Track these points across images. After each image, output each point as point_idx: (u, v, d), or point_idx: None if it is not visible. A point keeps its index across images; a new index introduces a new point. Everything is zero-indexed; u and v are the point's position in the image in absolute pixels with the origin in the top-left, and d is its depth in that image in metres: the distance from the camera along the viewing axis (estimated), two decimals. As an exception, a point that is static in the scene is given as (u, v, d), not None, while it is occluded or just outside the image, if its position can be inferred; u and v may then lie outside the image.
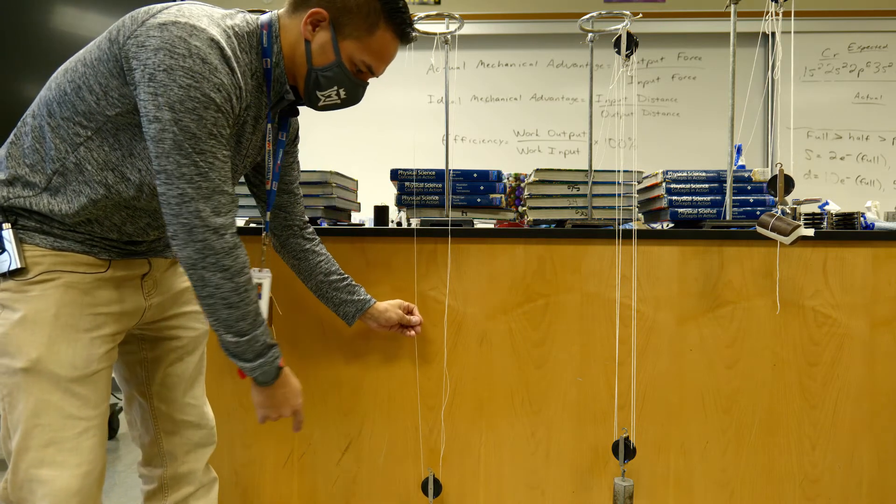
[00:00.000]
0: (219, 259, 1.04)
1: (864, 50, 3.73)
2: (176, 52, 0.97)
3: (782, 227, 1.35)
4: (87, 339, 1.09)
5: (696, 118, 3.81)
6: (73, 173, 1.06)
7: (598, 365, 1.56)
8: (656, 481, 1.56)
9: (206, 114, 1.00)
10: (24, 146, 1.07)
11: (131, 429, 1.32)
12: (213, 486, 1.35)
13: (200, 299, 1.06)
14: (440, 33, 1.59)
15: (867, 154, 3.74)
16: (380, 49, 1.15)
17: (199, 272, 1.03)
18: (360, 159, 3.86)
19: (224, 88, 1.02)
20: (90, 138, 1.05)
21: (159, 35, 0.98)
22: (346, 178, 1.76)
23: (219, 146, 1.03)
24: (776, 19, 1.47)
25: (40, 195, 1.06)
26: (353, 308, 1.41)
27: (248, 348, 1.10)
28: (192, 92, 0.98)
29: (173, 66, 0.97)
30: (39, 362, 1.04)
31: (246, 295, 1.08)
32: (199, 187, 1.01)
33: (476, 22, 3.81)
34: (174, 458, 1.29)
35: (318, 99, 1.18)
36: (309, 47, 1.13)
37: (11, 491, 1.07)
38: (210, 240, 1.03)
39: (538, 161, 3.87)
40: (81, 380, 1.08)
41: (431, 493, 1.56)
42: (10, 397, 1.06)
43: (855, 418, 1.54)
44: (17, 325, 1.04)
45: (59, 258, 1.07)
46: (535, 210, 1.63)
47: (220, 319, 1.07)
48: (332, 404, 1.59)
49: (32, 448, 1.04)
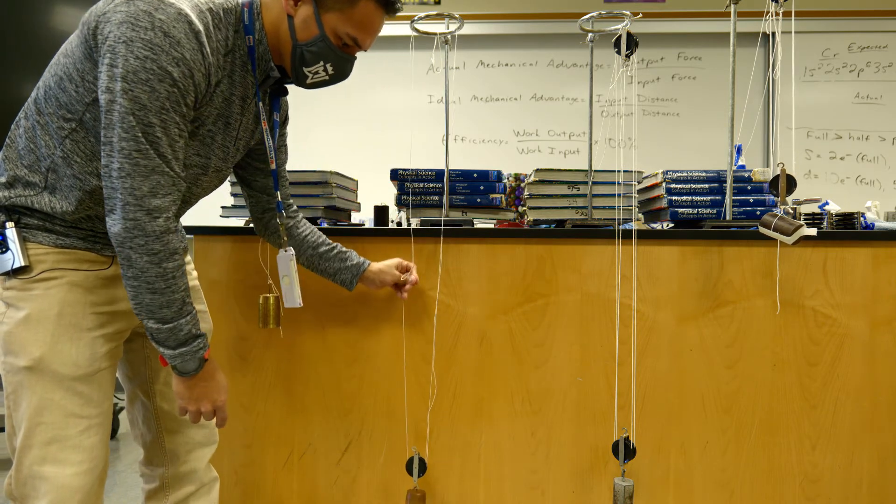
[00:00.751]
0: (147, 241, 1.00)
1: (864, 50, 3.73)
2: (139, 24, 0.96)
3: (785, 227, 1.35)
4: (89, 338, 1.09)
5: (696, 118, 3.81)
6: (63, 168, 1.05)
7: (598, 365, 1.56)
8: (656, 481, 1.56)
9: (160, 87, 0.97)
10: (20, 147, 1.07)
11: (133, 427, 1.32)
12: (214, 486, 1.35)
13: (125, 279, 1.02)
14: (440, 33, 1.59)
15: (867, 154, 3.74)
16: (363, 20, 1.13)
17: (127, 251, 1.00)
18: (360, 159, 3.85)
19: (184, 63, 0.99)
20: (75, 130, 1.04)
21: (125, 10, 0.96)
22: (346, 178, 1.76)
23: (170, 122, 1.00)
24: (776, 19, 1.47)
25: (41, 194, 1.06)
26: (349, 274, 1.41)
27: (171, 336, 1.05)
28: (147, 63, 0.96)
29: (133, 38, 0.95)
30: (42, 361, 1.05)
31: (173, 282, 1.03)
32: (136, 164, 0.98)
33: (476, 22, 3.81)
34: (176, 456, 1.29)
35: (305, 76, 1.17)
36: (292, 22, 1.12)
37: (15, 487, 1.08)
38: (141, 220, 0.99)
39: (538, 161, 3.87)
40: (84, 378, 1.08)
41: (416, 473, 1.56)
42: (14, 395, 1.07)
43: (855, 418, 1.54)
44: (21, 323, 1.05)
45: (62, 255, 1.08)
46: (535, 210, 1.63)
47: (143, 304, 1.03)
48: (332, 404, 1.59)
49: (35, 445, 1.05)
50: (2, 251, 1.04)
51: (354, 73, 3.86)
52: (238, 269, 1.59)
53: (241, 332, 1.60)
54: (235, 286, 1.59)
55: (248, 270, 1.59)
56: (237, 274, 1.59)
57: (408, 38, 3.84)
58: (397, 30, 3.76)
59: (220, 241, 1.59)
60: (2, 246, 1.04)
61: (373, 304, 1.57)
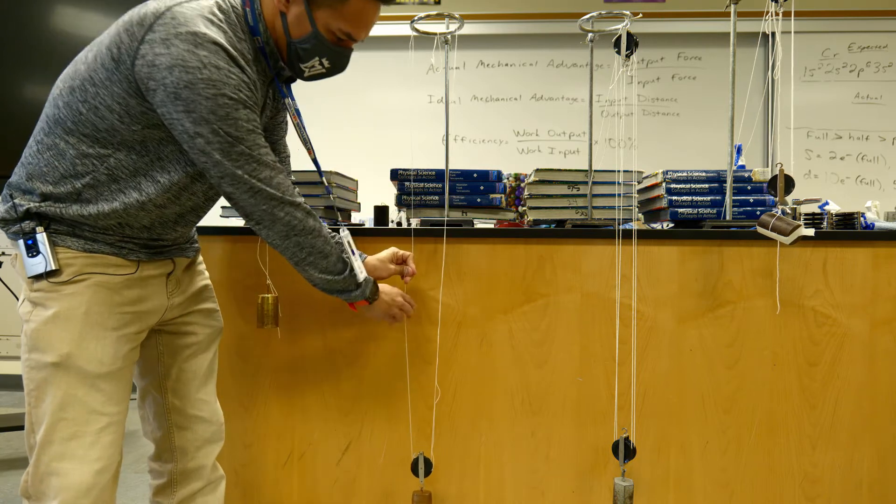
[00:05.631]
0: (303, 224, 1.15)
1: (864, 50, 3.73)
2: (189, 66, 0.99)
3: (782, 226, 1.35)
4: (114, 337, 1.12)
5: (696, 118, 3.81)
6: (106, 184, 1.09)
7: (598, 365, 1.56)
8: (656, 481, 1.56)
9: (239, 114, 1.05)
10: (41, 165, 1.09)
11: (144, 424, 1.34)
12: (220, 484, 1.38)
13: (299, 261, 1.17)
14: (440, 33, 1.59)
15: (867, 154, 3.74)
16: (356, 15, 1.13)
17: (294, 239, 1.15)
18: (360, 159, 3.85)
19: (242, 87, 1.05)
20: (118, 149, 1.08)
21: (167, 52, 0.99)
22: (346, 178, 1.76)
23: (258, 136, 1.09)
24: (776, 19, 1.47)
25: (69, 206, 1.09)
26: None
27: (351, 279, 1.23)
28: (219, 100, 1.02)
29: (193, 81, 1.00)
30: (69, 357, 1.08)
31: (331, 241, 1.21)
32: (260, 178, 1.09)
33: (476, 22, 3.81)
34: (185, 453, 1.31)
35: (302, 71, 1.19)
36: (285, 20, 1.13)
37: (31, 484, 1.09)
38: (292, 212, 1.13)
39: (538, 161, 3.87)
40: (107, 376, 1.11)
41: (422, 474, 1.56)
42: (37, 391, 1.09)
43: (855, 418, 1.54)
44: (48, 321, 1.08)
45: (90, 259, 1.11)
46: (535, 210, 1.63)
47: (323, 268, 1.19)
48: (332, 404, 1.59)
49: (56, 441, 1.08)
50: (32, 255, 1.07)
51: (354, 72, 3.87)
52: (238, 268, 1.59)
53: (241, 332, 1.60)
54: (235, 286, 1.59)
55: (247, 270, 1.59)
56: (237, 274, 1.59)
57: (408, 38, 3.84)
58: (397, 30, 3.76)
59: (220, 241, 1.60)
60: (32, 250, 1.07)
61: (373, 304, 1.57)
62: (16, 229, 1.09)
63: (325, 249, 1.19)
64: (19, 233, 1.08)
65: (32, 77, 2.15)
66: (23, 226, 1.08)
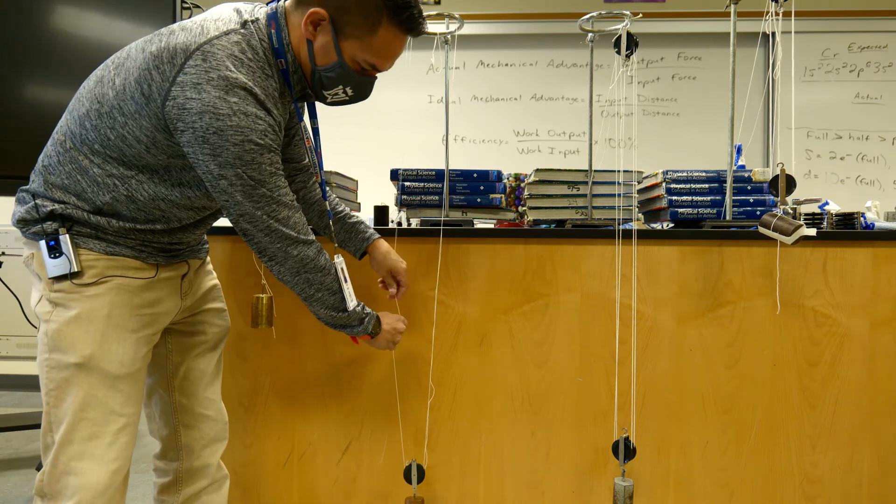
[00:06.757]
0: (315, 262, 1.17)
1: (864, 50, 3.73)
2: (220, 113, 1.01)
3: (784, 226, 1.35)
4: (134, 339, 1.14)
5: (696, 118, 3.81)
6: (125, 203, 1.11)
7: (598, 365, 1.56)
8: (656, 481, 1.56)
9: (263, 159, 1.07)
10: (62, 177, 1.11)
11: (150, 422, 1.35)
12: (225, 483, 1.39)
13: (307, 297, 1.20)
14: (440, 33, 1.59)
15: (867, 154, 3.74)
16: (383, 48, 1.14)
17: (304, 276, 1.17)
18: (360, 159, 3.85)
19: (268, 131, 1.07)
20: (141, 171, 1.10)
21: (198, 98, 1.01)
22: (346, 178, 1.76)
23: (279, 178, 1.11)
24: (776, 19, 1.47)
25: (90, 215, 1.11)
26: (352, 248, 1.44)
27: (354, 316, 1.24)
28: (246, 146, 1.04)
29: (222, 128, 1.02)
30: (92, 359, 1.09)
31: (338, 280, 1.23)
32: (278, 219, 1.11)
33: (476, 22, 3.81)
34: (191, 451, 1.32)
35: (325, 97, 1.20)
36: (311, 47, 1.13)
37: (47, 483, 1.10)
38: (304, 251, 1.15)
39: (538, 161, 3.86)
40: (126, 377, 1.12)
41: (415, 481, 1.56)
42: (57, 391, 1.09)
43: (855, 418, 1.54)
44: (70, 322, 1.09)
45: (111, 262, 1.12)
46: (535, 210, 1.63)
47: (330, 305, 1.21)
48: (331, 404, 1.59)
49: (76, 441, 1.08)
50: (55, 256, 1.08)
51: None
52: (237, 269, 1.59)
53: (241, 332, 1.60)
54: (235, 286, 1.59)
55: (248, 271, 1.59)
56: (236, 274, 1.59)
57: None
58: (397, 30, 3.75)
59: (220, 242, 1.60)
60: (55, 251, 1.08)
61: (373, 304, 1.57)
62: (37, 229, 1.09)
63: (334, 287, 1.21)
64: (41, 233, 1.09)
65: (32, 77, 2.15)
66: (45, 226, 1.09)
